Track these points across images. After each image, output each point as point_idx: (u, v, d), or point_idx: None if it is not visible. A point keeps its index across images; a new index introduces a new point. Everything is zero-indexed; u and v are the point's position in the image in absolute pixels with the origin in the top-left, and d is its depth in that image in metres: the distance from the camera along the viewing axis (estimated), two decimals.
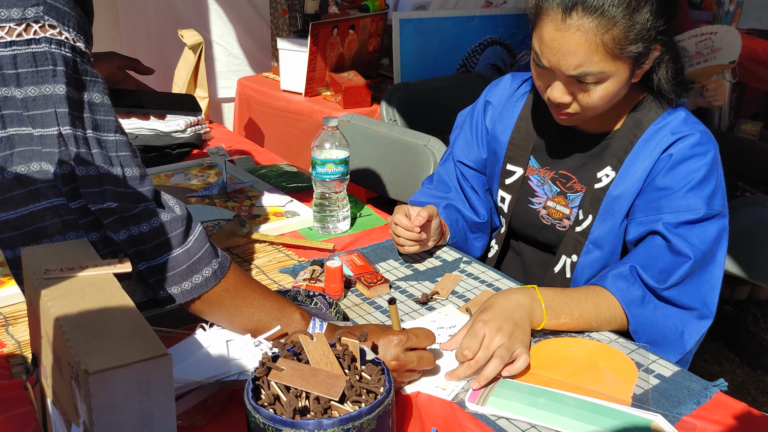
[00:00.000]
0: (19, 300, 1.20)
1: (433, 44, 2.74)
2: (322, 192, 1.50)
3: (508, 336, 1.03)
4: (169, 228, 0.91)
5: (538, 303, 1.11)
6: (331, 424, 0.76)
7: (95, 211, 0.87)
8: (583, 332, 1.16)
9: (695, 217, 1.17)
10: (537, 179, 1.39)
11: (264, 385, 0.83)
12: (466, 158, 1.49)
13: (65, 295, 0.75)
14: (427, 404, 0.97)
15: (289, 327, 1.02)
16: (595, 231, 1.28)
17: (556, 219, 1.36)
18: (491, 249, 1.50)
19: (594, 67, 1.12)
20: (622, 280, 1.17)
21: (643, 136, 1.25)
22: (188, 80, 2.30)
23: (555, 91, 1.18)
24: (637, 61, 1.15)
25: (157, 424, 0.67)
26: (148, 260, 0.91)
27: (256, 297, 1.01)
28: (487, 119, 1.46)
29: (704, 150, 1.20)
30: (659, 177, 1.21)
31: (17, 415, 0.92)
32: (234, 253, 1.41)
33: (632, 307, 1.15)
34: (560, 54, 1.13)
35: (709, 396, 0.99)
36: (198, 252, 0.94)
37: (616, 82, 1.15)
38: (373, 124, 2.13)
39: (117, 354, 0.65)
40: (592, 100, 1.17)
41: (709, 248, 1.17)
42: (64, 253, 0.85)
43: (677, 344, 1.17)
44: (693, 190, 1.18)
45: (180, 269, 0.93)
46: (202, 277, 0.94)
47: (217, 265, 0.96)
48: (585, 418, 0.92)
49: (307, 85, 2.80)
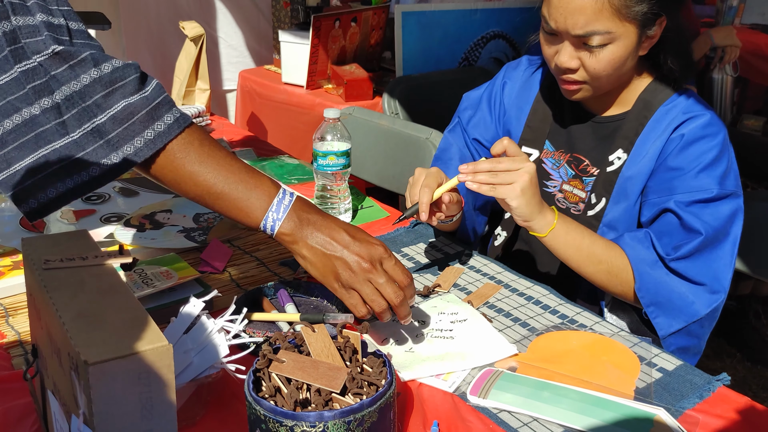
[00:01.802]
0: (19, 291, 1.20)
1: (435, 37, 2.73)
2: (324, 184, 1.49)
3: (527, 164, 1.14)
4: (121, 74, 0.86)
5: (551, 210, 1.19)
6: (332, 417, 0.76)
7: (41, 62, 0.82)
8: (589, 276, 1.21)
9: (708, 196, 1.17)
10: (552, 162, 1.38)
11: (265, 377, 0.83)
12: (482, 137, 1.47)
13: (65, 285, 0.75)
14: (428, 397, 0.97)
15: (255, 192, 0.96)
16: (609, 214, 1.28)
17: (572, 203, 1.36)
18: (499, 236, 1.47)
19: (601, 26, 1.13)
20: (637, 242, 1.21)
21: (654, 116, 1.25)
22: (189, 72, 2.29)
23: (562, 55, 1.19)
24: (644, 26, 1.16)
25: (157, 414, 0.67)
26: (105, 110, 0.86)
27: (222, 154, 0.95)
28: (505, 99, 1.45)
29: (715, 130, 1.20)
30: (671, 157, 1.22)
31: (17, 406, 0.92)
32: (234, 245, 1.40)
33: (641, 265, 1.18)
34: (567, 13, 1.14)
35: (712, 390, 0.99)
36: (157, 98, 0.89)
37: (622, 47, 1.16)
38: (374, 117, 2.12)
39: (117, 345, 0.65)
40: (598, 64, 1.17)
41: (722, 226, 1.17)
42: (65, 243, 0.84)
43: (684, 310, 1.17)
44: (705, 170, 1.18)
45: (140, 115, 0.87)
46: (164, 124, 0.88)
47: (179, 113, 0.90)
48: (587, 412, 0.92)
49: (309, 78, 2.79)
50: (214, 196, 0.95)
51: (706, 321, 1.18)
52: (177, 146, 0.91)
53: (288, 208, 0.98)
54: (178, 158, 0.91)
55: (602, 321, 1.16)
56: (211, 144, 0.95)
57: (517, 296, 1.23)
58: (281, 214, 0.97)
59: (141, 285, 1.15)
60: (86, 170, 0.86)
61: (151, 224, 1.45)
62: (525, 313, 1.18)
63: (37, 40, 0.83)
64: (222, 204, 0.96)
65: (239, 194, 0.96)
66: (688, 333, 1.18)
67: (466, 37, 2.84)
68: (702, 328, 1.19)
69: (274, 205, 0.97)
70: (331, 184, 1.48)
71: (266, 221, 0.97)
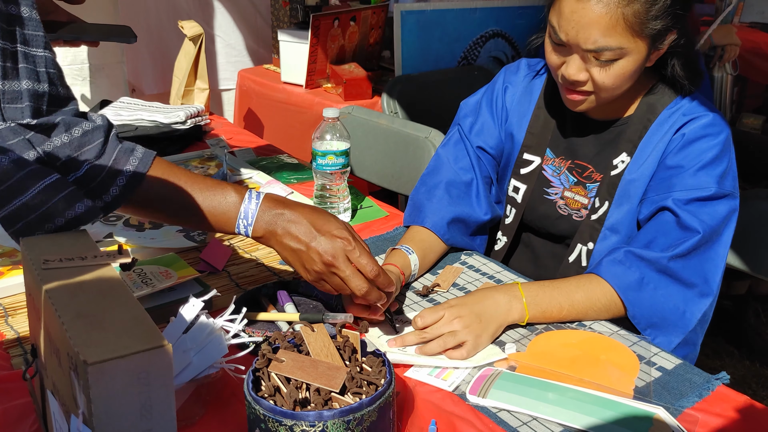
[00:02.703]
0: (18, 291, 1.20)
1: (435, 37, 2.72)
2: (323, 183, 1.49)
3: (463, 326, 1.06)
4: (89, 138, 0.93)
5: (518, 299, 1.12)
6: (331, 416, 0.76)
7: (14, 127, 0.87)
8: (579, 322, 1.16)
9: (706, 194, 1.16)
10: (552, 169, 1.37)
11: (264, 377, 0.83)
12: (486, 144, 1.42)
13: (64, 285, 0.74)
14: (427, 396, 0.97)
15: (226, 200, 1.01)
16: (611, 217, 1.27)
17: (574, 209, 1.35)
18: (499, 241, 1.46)
19: (613, 42, 1.11)
20: (617, 265, 1.16)
21: (657, 120, 1.25)
22: (188, 72, 2.29)
23: (571, 67, 1.17)
24: (655, 41, 1.15)
25: (156, 415, 0.67)
26: (74, 172, 0.92)
27: (187, 174, 1.02)
28: (508, 104, 1.42)
29: (717, 130, 1.20)
30: (670, 156, 1.21)
31: (16, 406, 0.92)
32: (233, 244, 1.40)
33: (629, 293, 1.14)
34: (579, 27, 1.12)
35: (711, 389, 0.99)
36: (115, 151, 0.96)
37: (632, 61, 1.15)
38: (374, 116, 2.12)
39: (116, 345, 0.64)
40: (607, 79, 1.16)
41: (718, 226, 1.17)
42: (64, 243, 0.84)
43: (678, 324, 1.15)
44: (704, 169, 1.18)
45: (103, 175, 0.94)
46: (133, 164, 0.96)
47: (142, 150, 0.98)
48: (586, 411, 0.92)
49: (308, 77, 2.79)
50: (192, 212, 1.01)
51: (698, 326, 1.17)
52: (155, 173, 0.98)
53: (255, 212, 1.02)
54: (156, 184, 0.99)
55: (601, 320, 1.16)
56: (174, 165, 1.03)
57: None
58: (251, 219, 1.01)
59: (140, 285, 1.15)
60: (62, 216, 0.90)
61: (150, 224, 1.45)
62: None
63: (16, 107, 0.88)
64: (195, 221, 1.02)
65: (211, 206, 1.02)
66: (685, 342, 1.17)
67: (465, 36, 2.83)
68: (696, 334, 1.18)
69: (242, 213, 1.02)
70: (330, 184, 1.48)
71: (239, 228, 1.02)
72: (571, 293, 1.15)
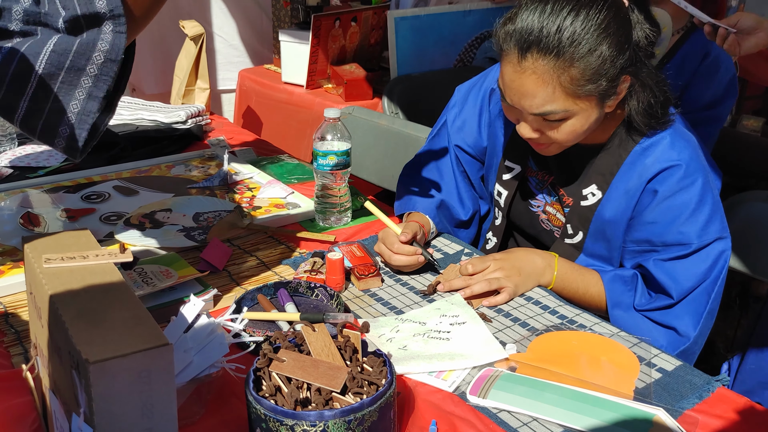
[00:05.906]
0: (19, 289, 1.20)
1: (430, 41, 2.72)
2: (324, 184, 1.49)
3: (506, 275, 1.21)
4: None
5: (551, 269, 1.24)
6: (332, 416, 0.76)
7: None
8: (585, 310, 1.20)
9: (686, 252, 1.17)
10: (535, 182, 1.38)
11: (265, 377, 0.83)
12: (464, 143, 1.45)
13: (66, 284, 0.75)
14: (428, 396, 0.97)
15: None
16: (589, 248, 1.29)
17: (555, 226, 1.36)
18: (489, 241, 1.48)
19: (556, 106, 1.11)
20: (620, 282, 1.22)
21: (629, 158, 1.21)
22: (189, 71, 2.29)
23: (523, 128, 1.18)
24: (604, 96, 1.13)
25: (157, 413, 0.67)
26: None
27: None
28: (491, 106, 1.42)
29: (691, 181, 1.17)
30: (647, 212, 1.20)
31: (17, 404, 0.92)
32: (235, 244, 1.40)
33: (615, 310, 1.21)
34: (520, 95, 1.12)
35: (711, 390, 0.99)
36: None
37: (582, 119, 1.14)
38: (374, 116, 2.12)
39: (118, 343, 0.65)
40: (560, 135, 1.16)
41: (699, 281, 1.17)
42: (66, 242, 0.84)
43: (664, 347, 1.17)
44: (685, 223, 1.17)
45: None
46: None
47: None
48: (586, 412, 0.92)
49: (309, 77, 2.79)
50: None
51: None
52: None
53: None
54: None
55: (602, 321, 1.16)
56: None
57: (517, 296, 1.23)
58: None
59: (141, 284, 1.15)
60: None
61: (150, 223, 1.46)
62: (525, 313, 1.18)
63: None
64: None
65: None
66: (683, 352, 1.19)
67: (460, 39, 2.82)
68: (695, 346, 1.20)
69: None
70: (331, 184, 1.48)
71: None
72: (590, 286, 1.25)
